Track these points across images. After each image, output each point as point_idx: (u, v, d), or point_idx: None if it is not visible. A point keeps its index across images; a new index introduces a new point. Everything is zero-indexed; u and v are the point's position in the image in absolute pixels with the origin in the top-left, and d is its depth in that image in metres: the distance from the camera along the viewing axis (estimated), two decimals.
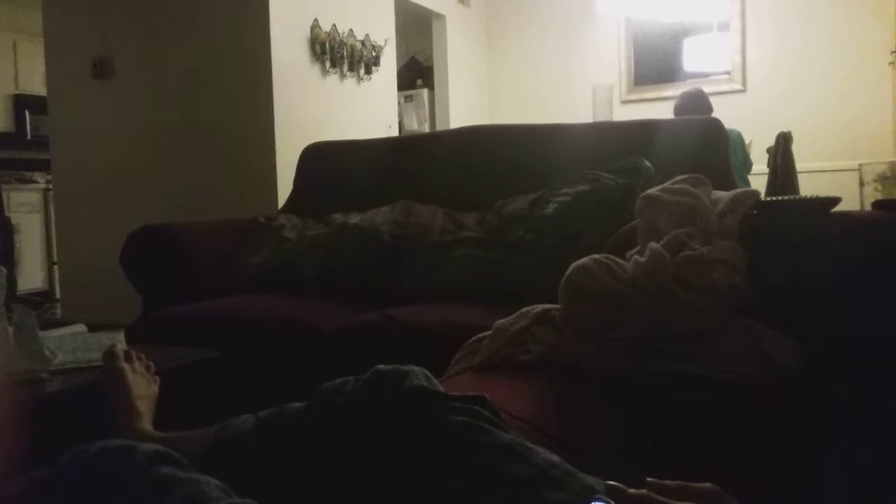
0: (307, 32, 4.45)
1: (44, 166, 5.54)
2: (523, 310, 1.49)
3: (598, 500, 0.61)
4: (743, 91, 5.72)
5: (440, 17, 5.99)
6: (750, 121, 4.73)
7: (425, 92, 6.41)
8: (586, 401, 1.20)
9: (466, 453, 0.86)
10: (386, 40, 5.12)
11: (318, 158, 3.16)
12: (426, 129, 6.33)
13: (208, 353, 1.57)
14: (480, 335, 1.49)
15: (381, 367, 1.00)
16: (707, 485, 0.65)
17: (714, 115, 4.20)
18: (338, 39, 4.66)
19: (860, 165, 4.62)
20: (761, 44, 5.72)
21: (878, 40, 5.16)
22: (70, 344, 1.49)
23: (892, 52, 4.65)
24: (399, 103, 5.59)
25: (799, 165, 4.15)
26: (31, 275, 5.96)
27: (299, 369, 1.94)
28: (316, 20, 4.49)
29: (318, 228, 2.71)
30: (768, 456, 0.99)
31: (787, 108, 5.42)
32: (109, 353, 1.30)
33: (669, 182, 1.67)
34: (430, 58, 6.26)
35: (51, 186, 5.27)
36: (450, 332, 1.74)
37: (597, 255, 1.47)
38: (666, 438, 1.03)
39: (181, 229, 2.52)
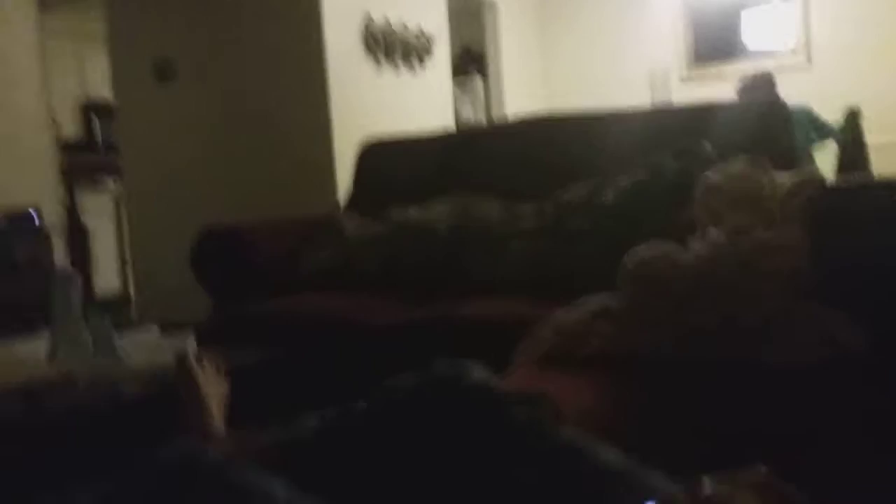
0: (360, 26, 4.48)
1: (114, 171, 5.72)
2: (582, 301, 1.48)
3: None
4: (808, 67, 5.52)
5: (492, 4, 5.96)
6: (816, 97, 4.57)
7: (479, 80, 6.40)
8: (648, 396, 1.19)
9: (529, 449, 0.87)
10: (439, 30, 5.13)
11: (376, 154, 3.20)
12: (482, 117, 6.32)
13: (273, 353, 1.62)
14: (540, 329, 1.49)
15: (441, 364, 1.02)
16: (757, 469, 0.63)
17: (779, 95, 4.10)
18: (391, 32, 4.68)
19: None
20: (826, 16, 5.51)
21: None
22: (144, 346, 1.55)
23: None
24: (454, 93, 5.59)
25: (872, 140, 4.00)
26: (107, 278, 6.17)
27: (360, 366, 1.97)
28: (368, 13, 4.52)
29: (377, 226, 2.74)
30: (832, 441, 0.97)
31: (855, 83, 5.21)
32: (181, 356, 1.35)
33: (728, 164, 1.64)
34: (483, 45, 6.24)
35: (122, 190, 5.45)
36: (510, 328, 1.75)
37: (657, 243, 1.45)
38: (730, 431, 1.02)
39: (245, 230, 2.59)
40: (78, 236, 5.85)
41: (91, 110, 6.70)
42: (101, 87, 6.28)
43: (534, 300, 1.97)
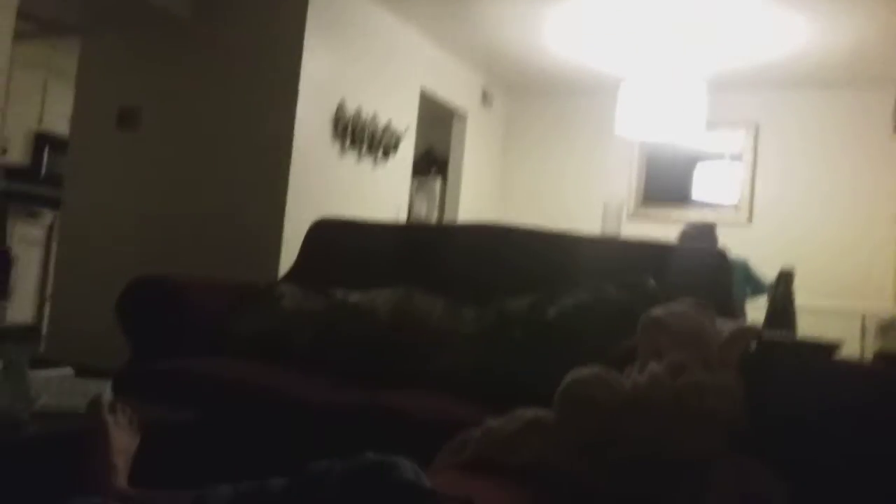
0: (332, 111, 4.56)
1: (53, 203, 5.57)
2: (517, 412, 1.47)
3: None
4: (748, 224, 5.81)
5: (462, 115, 6.16)
6: (753, 254, 4.78)
7: (438, 182, 6.53)
8: None
9: None
10: (406, 128, 5.25)
11: (327, 233, 3.19)
12: (434, 216, 6.42)
13: (192, 415, 1.55)
14: (470, 432, 1.47)
15: (370, 455, 0.98)
16: None
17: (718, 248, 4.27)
18: (361, 121, 4.77)
19: (863, 315, 4.64)
20: (771, 179, 5.85)
21: (886, 193, 5.29)
22: (55, 387, 1.46)
23: None
24: (411, 189, 5.68)
25: (800, 301, 4.17)
26: (22, 308, 5.92)
27: (282, 440, 1.90)
28: (343, 99, 4.61)
29: (317, 302, 2.70)
30: None
31: (791, 245, 5.50)
32: (94, 403, 1.28)
33: (674, 303, 1.68)
34: (446, 151, 6.40)
35: (56, 223, 5.30)
36: (438, 424, 1.72)
37: (596, 369, 1.46)
38: None
39: (179, 284, 2.52)
40: (2, 262, 5.63)
41: (44, 141, 6.60)
42: (58, 120, 6.21)
43: (465, 401, 1.95)
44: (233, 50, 4.46)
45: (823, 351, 1.50)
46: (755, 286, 4.15)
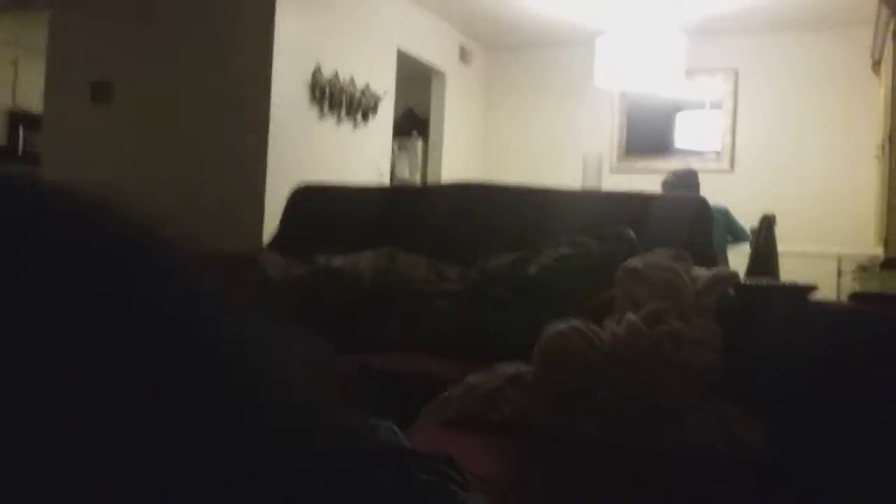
0: (308, 76, 4.51)
1: None
2: (497, 367, 1.49)
3: None
4: (731, 171, 5.83)
5: (440, 73, 6.11)
6: (736, 201, 4.80)
7: (419, 142, 6.49)
8: (551, 469, 1.19)
9: None
10: (385, 91, 5.20)
11: (308, 199, 3.17)
12: (417, 178, 6.40)
13: None
14: (452, 390, 1.49)
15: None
16: None
17: (701, 194, 4.29)
18: (338, 85, 4.73)
19: (839, 256, 4.69)
20: (751, 126, 5.86)
21: (867, 133, 5.30)
22: None
23: (879, 147, 4.76)
24: (393, 151, 5.65)
25: (781, 247, 4.21)
26: None
27: None
28: (318, 65, 4.56)
29: (300, 269, 2.70)
30: None
31: (774, 191, 5.53)
32: None
33: (651, 254, 1.69)
34: (427, 111, 6.36)
35: None
36: (423, 385, 1.74)
37: (574, 321, 1.47)
38: None
39: None
40: None
41: (19, 119, 6.51)
42: (32, 98, 6.12)
43: (449, 359, 1.97)
44: (203, 17, 4.39)
45: (799, 293, 1.52)
46: (737, 233, 4.18)
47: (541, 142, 6.55)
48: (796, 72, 5.73)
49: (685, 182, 4.31)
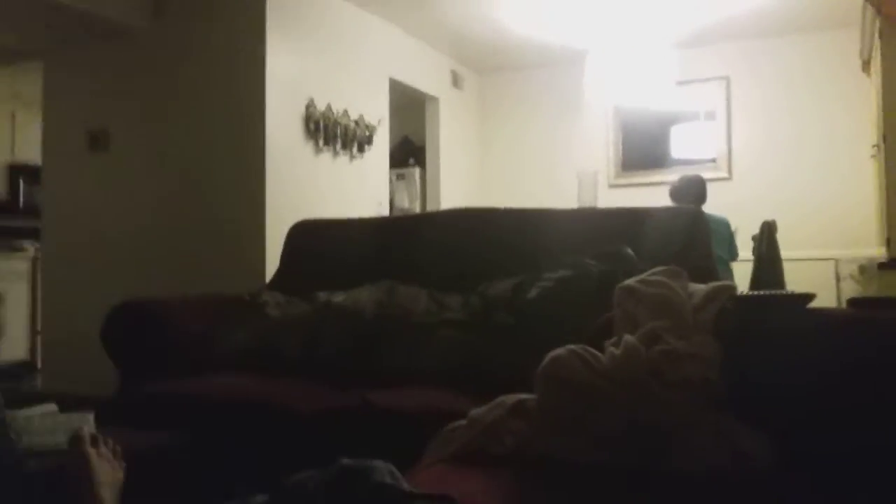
0: (302, 111, 4.54)
1: (34, 235, 5.56)
2: (498, 399, 1.48)
3: None
4: (729, 178, 5.83)
5: (434, 99, 6.14)
6: (736, 208, 4.80)
7: (417, 171, 6.51)
8: (556, 498, 1.18)
9: None
10: (379, 121, 5.23)
11: (306, 236, 3.19)
12: (417, 206, 6.41)
13: (177, 438, 1.55)
14: (455, 424, 1.48)
15: (346, 461, 0.99)
16: None
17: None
18: (332, 119, 4.75)
19: (836, 260, 4.67)
20: (746, 133, 5.87)
21: (861, 132, 5.30)
22: (38, 425, 1.46)
23: (874, 146, 4.75)
24: (391, 181, 5.67)
25: (784, 253, 4.20)
26: (15, 344, 5.91)
27: (276, 453, 1.91)
28: (311, 99, 4.59)
29: (301, 307, 2.70)
30: None
31: (772, 197, 5.53)
32: (75, 438, 1.28)
33: (647, 273, 1.68)
34: (422, 138, 6.38)
35: (40, 255, 5.29)
36: (428, 420, 1.72)
37: (573, 346, 1.47)
38: None
39: (162, 305, 2.52)
40: None
41: (19, 173, 6.56)
42: (31, 150, 6.18)
43: (454, 393, 1.96)
44: (195, 59, 4.44)
45: (797, 302, 1.51)
46: (728, 250, 4.17)
47: (538, 161, 6.57)
48: (787, 75, 5.74)
49: (689, 189, 4.31)
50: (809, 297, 1.53)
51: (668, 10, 5.17)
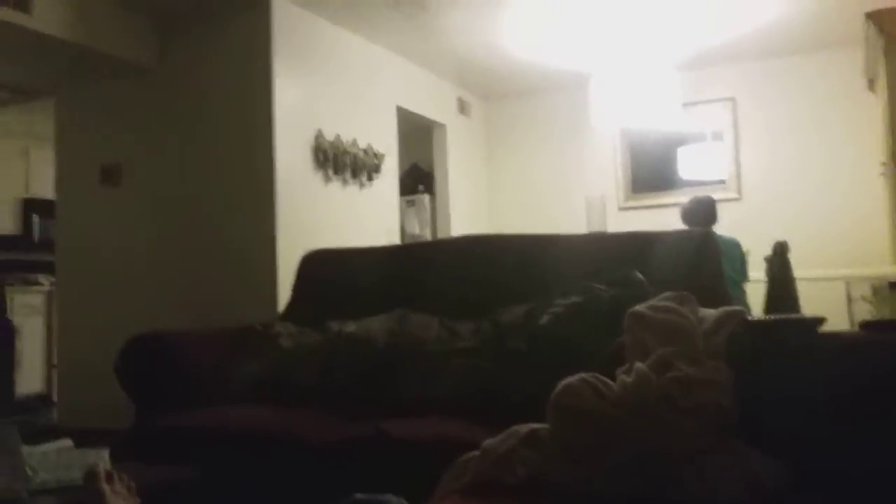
0: (311, 141, 4.58)
1: (49, 269, 5.61)
2: (511, 429, 1.48)
3: None
4: (739, 199, 5.82)
5: (441, 126, 6.18)
6: (747, 228, 4.79)
7: (426, 197, 6.54)
8: None
9: None
10: (388, 149, 5.27)
11: (318, 266, 3.20)
12: (427, 233, 6.43)
13: (191, 473, 1.55)
14: (469, 455, 1.48)
15: (359, 496, 0.99)
16: None
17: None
18: (341, 148, 4.79)
19: (848, 279, 4.64)
20: (754, 153, 5.87)
21: (869, 150, 5.29)
22: (54, 461, 1.47)
23: (883, 164, 4.74)
24: (401, 208, 5.70)
25: (800, 273, 4.18)
26: (32, 377, 5.94)
27: (290, 484, 1.91)
28: (320, 130, 4.64)
29: (314, 337, 2.71)
30: None
31: (782, 216, 5.52)
32: (90, 474, 1.29)
33: (656, 299, 1.68)
34: (431, 164, 6.42)
35: (54, 289, 5.34)
36: (442, 450, 1.72)
37: (585, 374, 1.47)
38: None
39: (176, 338, 2.53)
40: (4, 334, 5.66)
41: (32, 208, 6.64)
42: (44, 185, 6.26)
43: (468, 422, 1.96)
44: (204, 93, 4.50)
45: (807, 326, 1.50)
46: (740, 271, 4.15)
47: (547, 185, 6.58)
48: (793, 95, 5.75)
49: (699, 210, 4.30)
50: (820, 320, 1.53)
51: (671, 32, 5.20)
